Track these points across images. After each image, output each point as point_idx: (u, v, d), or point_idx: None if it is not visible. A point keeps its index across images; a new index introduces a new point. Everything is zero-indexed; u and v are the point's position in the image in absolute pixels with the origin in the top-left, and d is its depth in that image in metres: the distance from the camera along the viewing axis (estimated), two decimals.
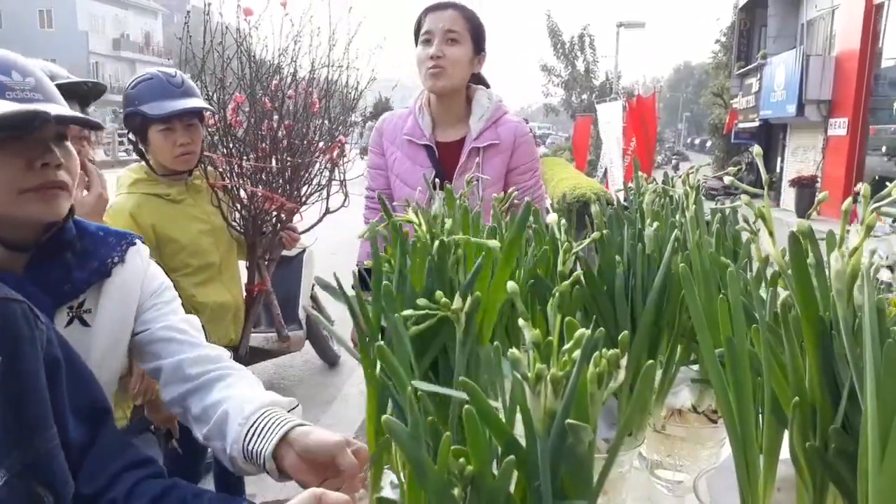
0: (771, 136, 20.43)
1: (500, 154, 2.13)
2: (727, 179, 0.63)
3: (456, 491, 0.42)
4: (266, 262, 2.44)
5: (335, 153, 2.44)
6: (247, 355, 2.42)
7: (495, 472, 0.47)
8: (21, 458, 0.76)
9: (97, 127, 1.05)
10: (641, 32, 24.23)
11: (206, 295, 2.15)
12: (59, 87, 1.49)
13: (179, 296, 2.10)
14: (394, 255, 0.66)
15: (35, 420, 0.78)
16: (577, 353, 0.44)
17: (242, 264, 2.44)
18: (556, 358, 0.46)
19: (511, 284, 0.47)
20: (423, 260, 0.63)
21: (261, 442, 0.98)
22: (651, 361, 0.48)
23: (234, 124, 2.28)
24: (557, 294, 0.51)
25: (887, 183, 0.61)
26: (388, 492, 0.77)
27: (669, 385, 0.95)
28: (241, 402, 1.04)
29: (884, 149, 13.92)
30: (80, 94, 1.57)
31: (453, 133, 2.16)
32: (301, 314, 4.26)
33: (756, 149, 0.62)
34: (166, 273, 2.09)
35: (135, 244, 1.21)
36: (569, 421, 0.40)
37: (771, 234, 0.58)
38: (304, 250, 4.27)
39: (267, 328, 3.94)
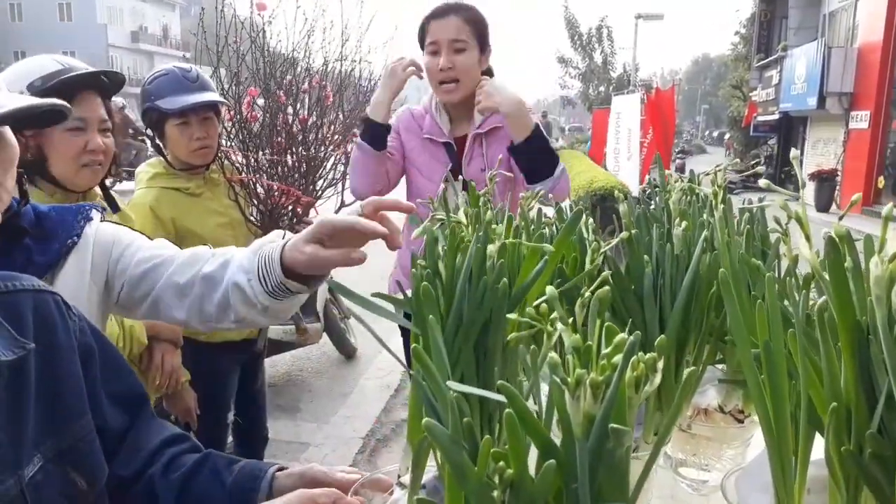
0: (791, 128, 20.20)
1: (503, 138, 2.13)
2: (762, 182, 0.63)
3: (496, 493, 0.43)
4: None
5: (349, 147, 2.45)
6: (265, 348, 2.44)
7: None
8: (56, 444, 0.78)
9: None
10: (660, 24, 24.02)
11: None
12: (76, 78, 1.50)
13: None
14: (450, 256, 0.66)
15: (70, 407, 0.80)
16: (617, 358, 0.44)
17: None
18: (595, 362, 0.46)
19: (550, 289, 0.48)
20: (481, 261, 0.63)
21: (269, 252, 1.04)
22: (693, 368, 0.48)
23: (249, 119, 2.30)
24: (595, 299, 0.51)
25: None
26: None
27: (696, 385, 0.94)
28: (238, 263, 1.09)
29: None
30: (101, 85, 1.58)
31: (466, 127, 2.17)
32: (319, 307, 4.29)
33: (793, 152, 0.62)
34: None
35: (91, 218, 1.20)
36: (612, 425, 0.41)
37: (808, 238, 0.58)
38: None
39: (284, 321, 3.98)
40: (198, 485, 0.88)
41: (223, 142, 2.24)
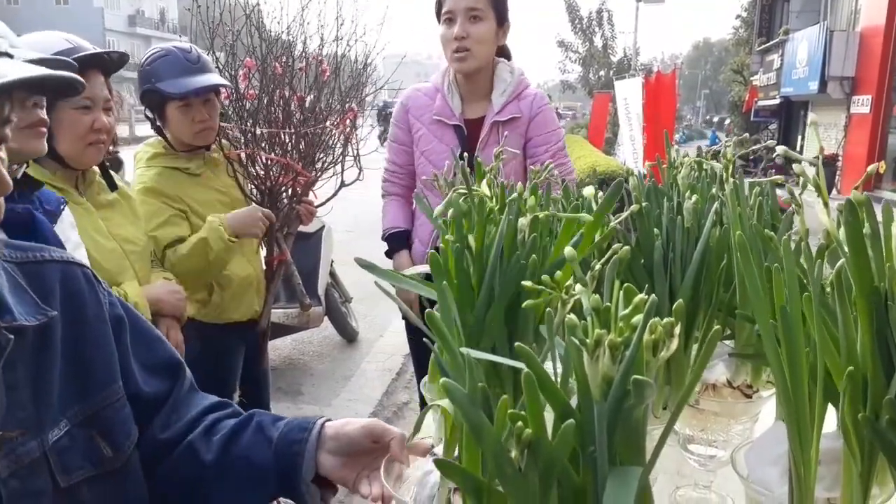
0: (791, 113, 20.13)
1: (519, 127, 2.11)
2: (780, 149, 0.62)
3: (513, 454, 0.42)
4: (284, 236, 2.45)
5: (347, 124, 2.43)
6: (268, 328, 2.44)
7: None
8: (83, 409, 0.79)
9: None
10: (660, 8, 23.88)
11: (230, 268, 2.16)
12: (86, 57, 1.50)
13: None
14: (479, 229, 0.65)
15: (98, 375, 0.81)
16: (636, 319, 0.43)
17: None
18: (614, 324, 0.45)
19: (569, 250, 0.47)
20: (512, 235, 0.62)
21: None
22: (717, 328, 0.48)
23: (246, 96, 2.27)
24: (614, 259, 0.50)
25: None
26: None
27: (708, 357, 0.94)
28: None
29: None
30: (105, 65, 1.58)
31: (479, 109, 2.14)
32: (320, 290, 4.29)
33: (811, 116, 0.61)
34: None
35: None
36: (635, 377, 0.40)
37: (826, 204, 0.57)
38: (322, 227, 4.29)
39: (286, 304, 3.97)
40: (242, 441, 0.88)
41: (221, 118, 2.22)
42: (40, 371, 0.76)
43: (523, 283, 0.53)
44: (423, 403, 0.93)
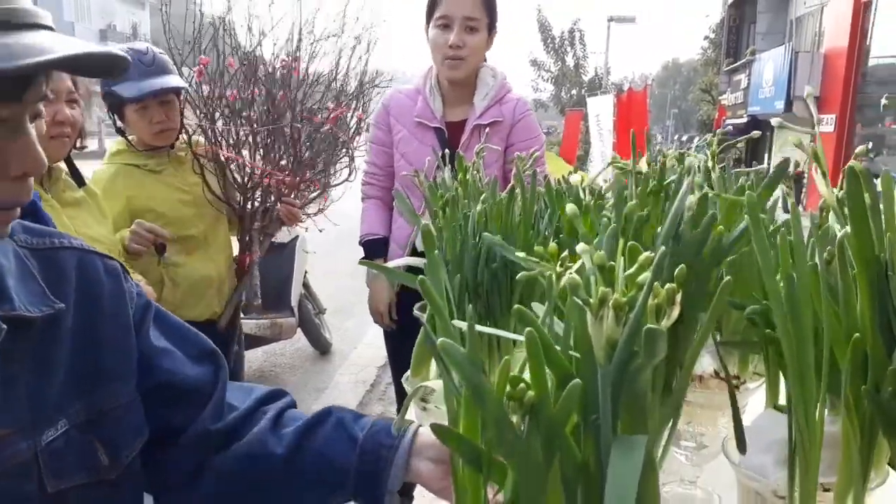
0: (759, 131, 20.58)
1: (501, 131, 2.10)
2: (774, 121, 0.61)
3: (514, 418, 0.40)
4: (261, 238, 2.40)
5: (336, 122, 2.41)
6: (235, 329, 2.36)
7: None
8: (86, 407, 0.73)
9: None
10: (631, 28, 24.35)
11: (184, 266, 2.10)
12: None
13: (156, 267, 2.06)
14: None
15: (109, 370, 0.76)
16: (642, 277, 0.41)
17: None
18: (617, 286, 0.44)
19: (571, 206, 0.45)
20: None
21: None
22: (725, 283, 0.46)
23: (221, 96, 2.25)
24: (613, 229, 0.49)
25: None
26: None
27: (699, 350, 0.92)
28: None
29: (870, 145, 14.00)
30: None
31: (460, 112, 2.13)
32: (294, 301, 4.22)
33: (808, 89, 0.60)
34: None
35: None
36: (648, 326, 0.38)
37: (824, 174, 0.56)
38: (296, 237, 4.23)
39: (258, 315, 3.89)
40: (318, 436, 0.82)
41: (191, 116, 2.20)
42: (42, 365, 0.70)
43: (517, 253, 0.51)
44: (399, 412, 0.90)
